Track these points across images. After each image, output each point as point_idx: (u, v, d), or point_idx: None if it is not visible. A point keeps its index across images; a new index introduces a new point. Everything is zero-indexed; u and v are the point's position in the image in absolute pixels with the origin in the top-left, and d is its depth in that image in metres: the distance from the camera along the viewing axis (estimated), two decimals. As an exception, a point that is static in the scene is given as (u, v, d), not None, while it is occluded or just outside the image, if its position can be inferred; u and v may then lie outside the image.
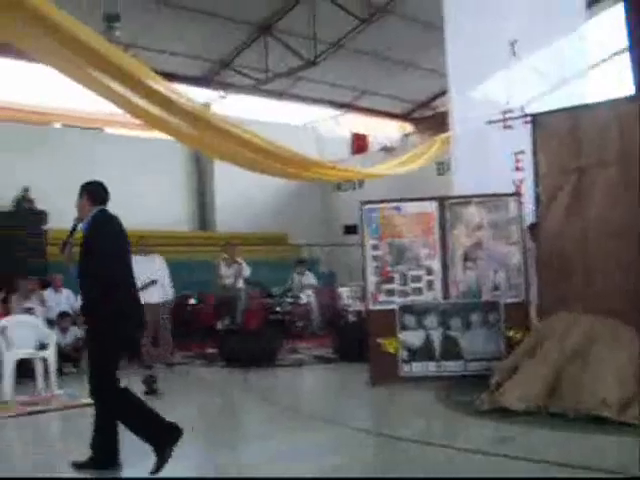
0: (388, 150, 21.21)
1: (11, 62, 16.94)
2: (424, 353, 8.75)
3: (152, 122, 11.00)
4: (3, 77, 19.08)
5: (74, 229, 5.74)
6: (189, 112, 10.42)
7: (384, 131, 24.53)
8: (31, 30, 8.25)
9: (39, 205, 15.65)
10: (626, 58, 11.21)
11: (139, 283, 11.06)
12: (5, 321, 9.66)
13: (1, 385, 8.84)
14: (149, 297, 11.11)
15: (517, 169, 9.93)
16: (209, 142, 11.49)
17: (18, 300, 11.28)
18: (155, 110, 10.15)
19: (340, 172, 15.62)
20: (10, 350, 9.04)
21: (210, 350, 12.41)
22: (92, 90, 10.02)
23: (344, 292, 16.03)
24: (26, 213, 15.43)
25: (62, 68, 9.47)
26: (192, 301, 14.55)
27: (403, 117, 24.66)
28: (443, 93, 18.21)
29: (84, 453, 5.44)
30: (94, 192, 5.78)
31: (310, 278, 16.17)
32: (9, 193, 16.24)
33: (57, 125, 21.21)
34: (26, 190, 16.36)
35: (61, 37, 8.30)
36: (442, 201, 9.07)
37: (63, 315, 11.49)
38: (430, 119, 23.04)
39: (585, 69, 10.73)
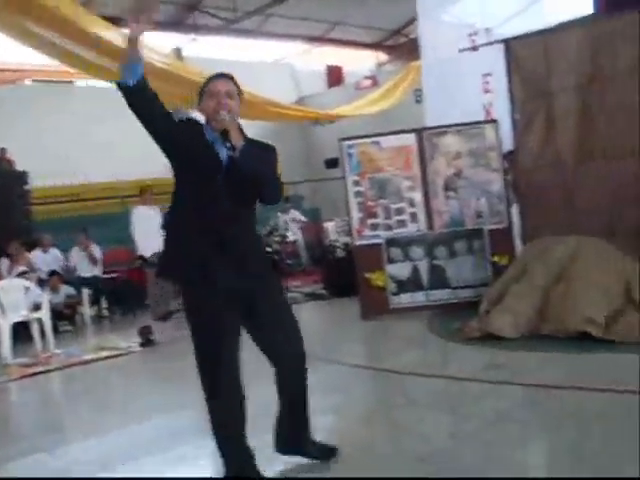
0: (362, 87, 21.05)
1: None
2: (412, 284, 8.87)
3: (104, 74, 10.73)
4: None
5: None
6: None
7: (358, 62, 24.35)
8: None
9: (18, 166, 15.42)
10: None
11: None
12: (-4, 287, 9.66)
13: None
14: None
15: (485, 91, 9.95)
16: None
17: (8, 264, 11.27)
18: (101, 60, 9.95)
19: (309, 113, 15.48)
20: (5, 315, 9.07)
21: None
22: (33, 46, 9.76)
23: (330, 227, 16.08)
24: (6, 174, 15.14)
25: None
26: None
27: (376, 46, 24.50)
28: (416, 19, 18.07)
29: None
30: None
31: (296, 214, 16.20)
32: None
33: (28, 82, 20.89)
34: (3, 151, 16.18)
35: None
36: (420, 133, 9.07)
37: (53, 274, 11.54)
38: (404, 46, 22.89)
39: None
